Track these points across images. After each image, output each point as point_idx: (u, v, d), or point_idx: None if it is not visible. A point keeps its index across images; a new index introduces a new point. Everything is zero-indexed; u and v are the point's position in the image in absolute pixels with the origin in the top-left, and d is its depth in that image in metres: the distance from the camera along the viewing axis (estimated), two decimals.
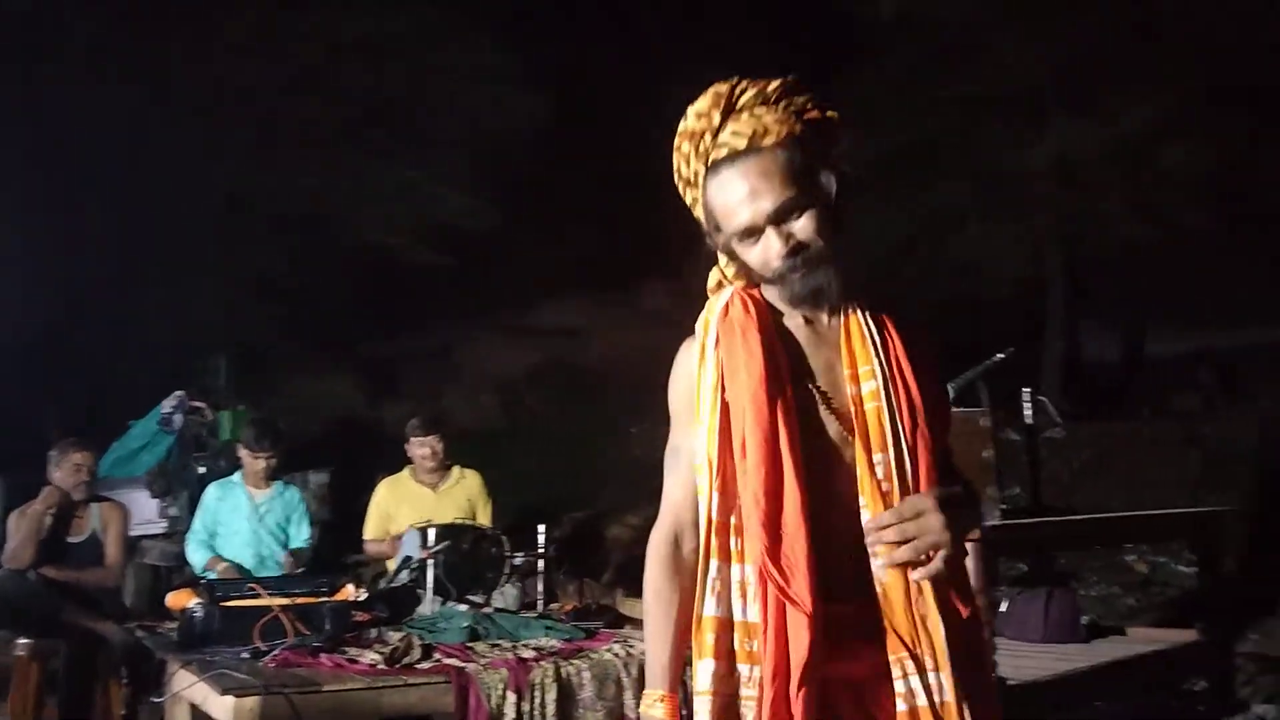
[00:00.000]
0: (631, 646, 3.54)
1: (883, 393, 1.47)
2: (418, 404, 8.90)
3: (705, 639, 1.49)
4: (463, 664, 2.99)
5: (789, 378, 1.48)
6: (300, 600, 3.37)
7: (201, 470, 6.34)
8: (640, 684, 3.25)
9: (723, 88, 1.54)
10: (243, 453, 4.73)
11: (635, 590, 4.93)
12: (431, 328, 11.95)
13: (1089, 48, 9.69)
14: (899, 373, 1.50)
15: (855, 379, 1.49)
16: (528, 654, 3.37)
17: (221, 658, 3.07)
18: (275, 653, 3.07)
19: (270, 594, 3.36)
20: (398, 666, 2.92)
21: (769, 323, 1.55)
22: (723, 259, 1.61)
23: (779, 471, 1.45)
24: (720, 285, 1.65)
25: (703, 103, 1.55)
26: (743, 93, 1.53)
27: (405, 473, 4.84)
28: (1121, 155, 9.27)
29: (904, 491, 1.44)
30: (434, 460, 4.74)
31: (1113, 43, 9.64)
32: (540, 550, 4.32)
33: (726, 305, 1.58)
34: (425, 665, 2.98)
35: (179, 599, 3.54)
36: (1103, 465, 8.21)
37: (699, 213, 1.60)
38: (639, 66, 12.55)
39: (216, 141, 10.07)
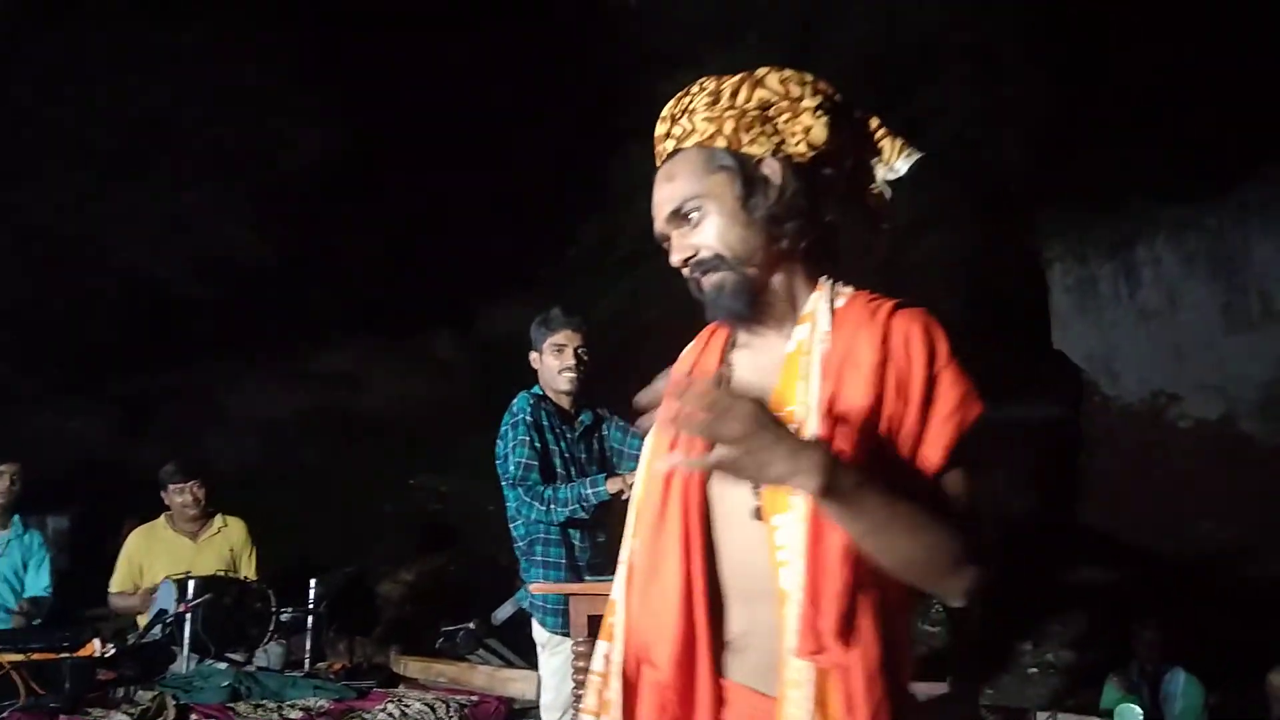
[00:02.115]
0: (407, 706, 3.43)
1: None
2: (173, 446, 8.31)
3: (606, 620, 1.37)
4: None
5: None
6: (37, 656, 3.06)
7: None
8: None
9: (691, 87, 1.39)
10: None
11: (409, 648, 4.78)
12: (193, 365, 11.22)
13: None
14: (835, 414, 1.22)
15: None
16: (295, 714, 3.20)
17: None
18: (5, 715, 2.76)
19: (1, 648, 3.03)
20: None
21: (716, 352, 1.38)
22: None
23: (659, 542, 1.26)
24: None
25: (667, 105, 1.40)
26: (701, 91, 1.38)
27: (161, 520, 4.51)
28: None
29: (814, 572, 1.15)
30: (195, 508, 4.45)
31: None
32: (310, 605, 4.13)
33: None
34: None
35: None
36: None
37: None
38: (441, 110, 12.49)
39: None
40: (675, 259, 1.37)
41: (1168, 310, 8.10)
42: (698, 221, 1.34)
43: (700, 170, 1.34)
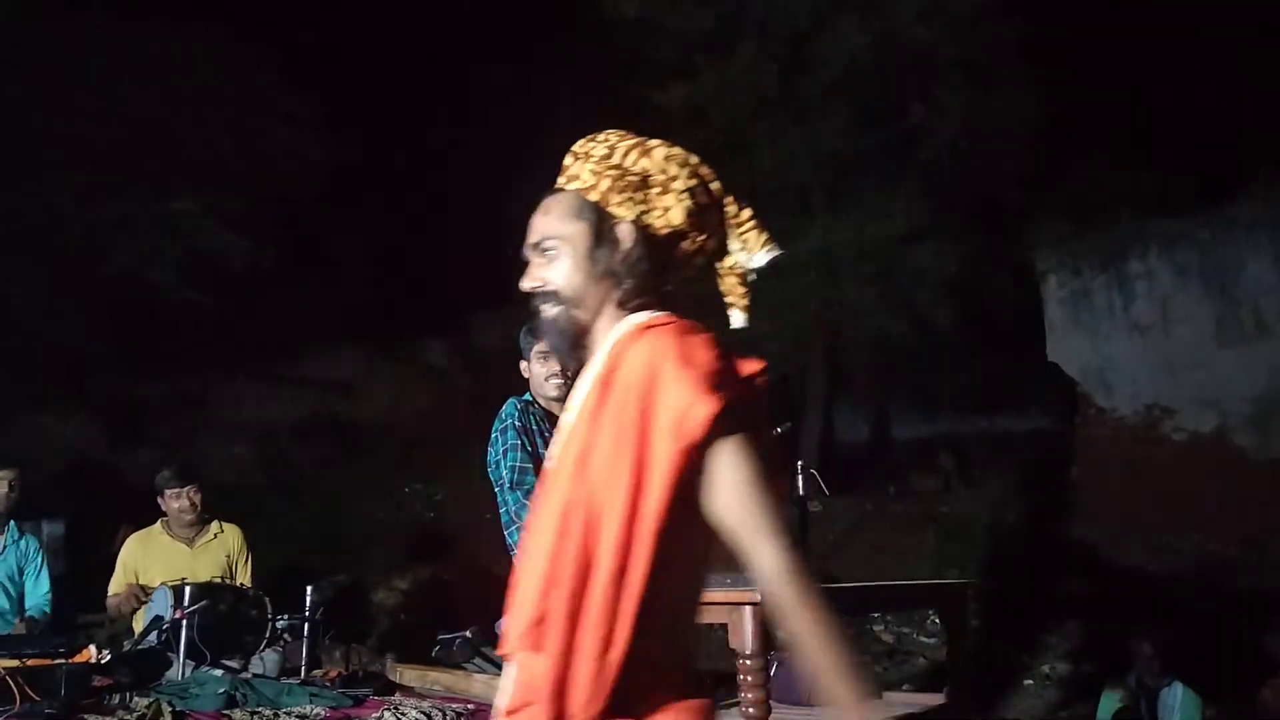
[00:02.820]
0: (403, 714, 3.42)
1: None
2: (165, 451, 8.28)
3: None
4: None
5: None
6: (32, 662, 3.04)
7: None
8: None
9: (600, 135, 1.49)
10: None
11: (405, 656, 4.76)
12: (186, 371, 11.18)
13: (853, 153, 10.57)
14: (575, 465, 1.29)
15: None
16: None
17: None
18: None
19: None
20: None
21: None
22: None
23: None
24: None
25: (580, 141, 1.51)
26: (603, 143, 1.48)
27: (157, 526, 4.48)
28: (877, 254, 10.08)
29: (514, 580, 1.27)
30: (192, 513, 4.42)
31: (874, 152, 10.56)
32: (306, 613, 4.11)
33: None
34: None
35: None
36: (852, 538, 8.74)
37: None
38: (435, 119, 12.51)
39: None
40: (524, 284, 1.48)
41: (1161, 323, 8.13)
42: (552, 259, 1.46)
43: (569, 214, 1.46)
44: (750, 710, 2.54)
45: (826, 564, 8.01)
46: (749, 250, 1.50)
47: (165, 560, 4.31)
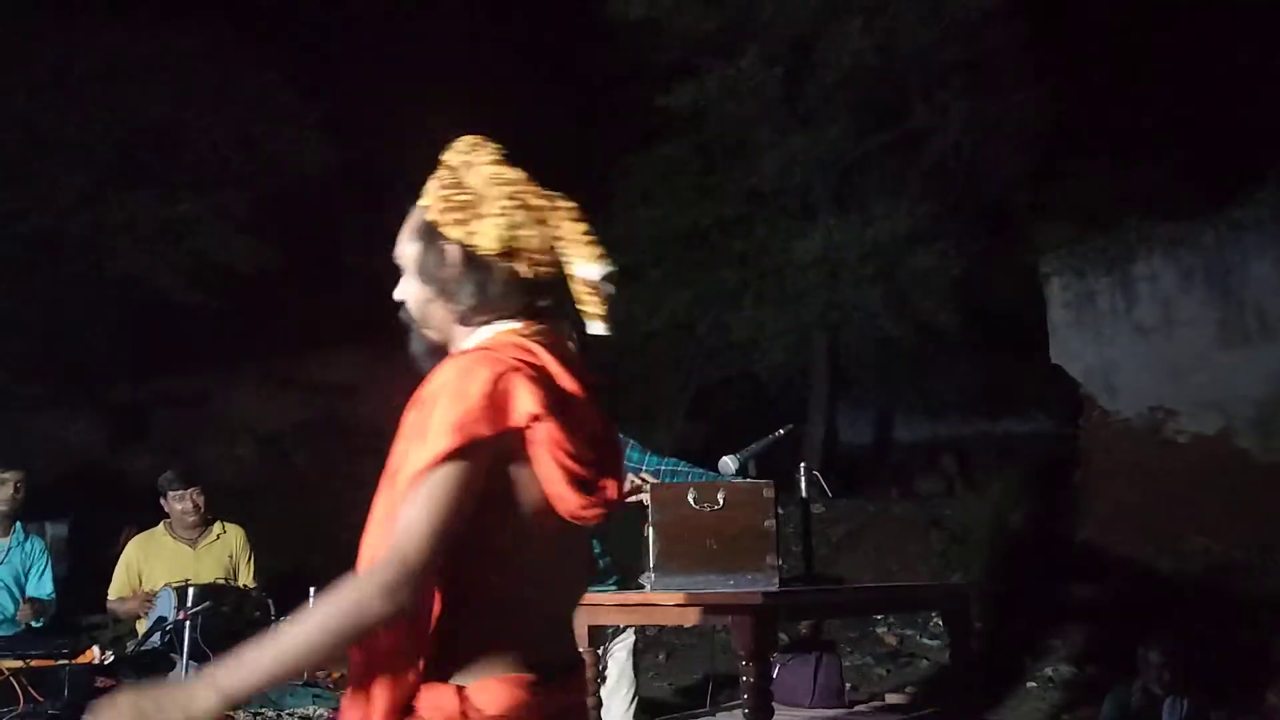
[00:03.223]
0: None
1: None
2: (168, 454, 8.29)
3: None
4: None
5: None
6: (36, 663, 3.04)
7: None
8: None
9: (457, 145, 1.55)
10: None
11: None
12: (190, 373, 11.20)
13: (856, 156, 10.58)
14: (385, 480, 1.41)
15: None
16: None
17: None
18: None
19: (1, 655, 3.02)
20: None
21: None
22: None
23: None
24: None
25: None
26: (450, 159, 1.53)
27: (160, 528, 4.48)
28: (880, 256, 10.08)
29: None
30: (194, 515, 4.42)
31: (878, 154, 10.57)
32: None
33: None
34: None
35: None
36: (855, 540, 8.73)
37: None
38: (438, 120, 12.51)
39: None
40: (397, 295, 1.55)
41: (1164, 326, 8.12)
42: (404, 276, 1.53)
43: (410, 233, 1.52)
44: (753, 713, 2.53)
45: (830, 566, 8.02)
46: (585, 263, 1.51)
47: (168, 561, 4.31)
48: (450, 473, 1.33)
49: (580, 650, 1.64)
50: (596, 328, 1.52)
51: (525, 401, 1.37)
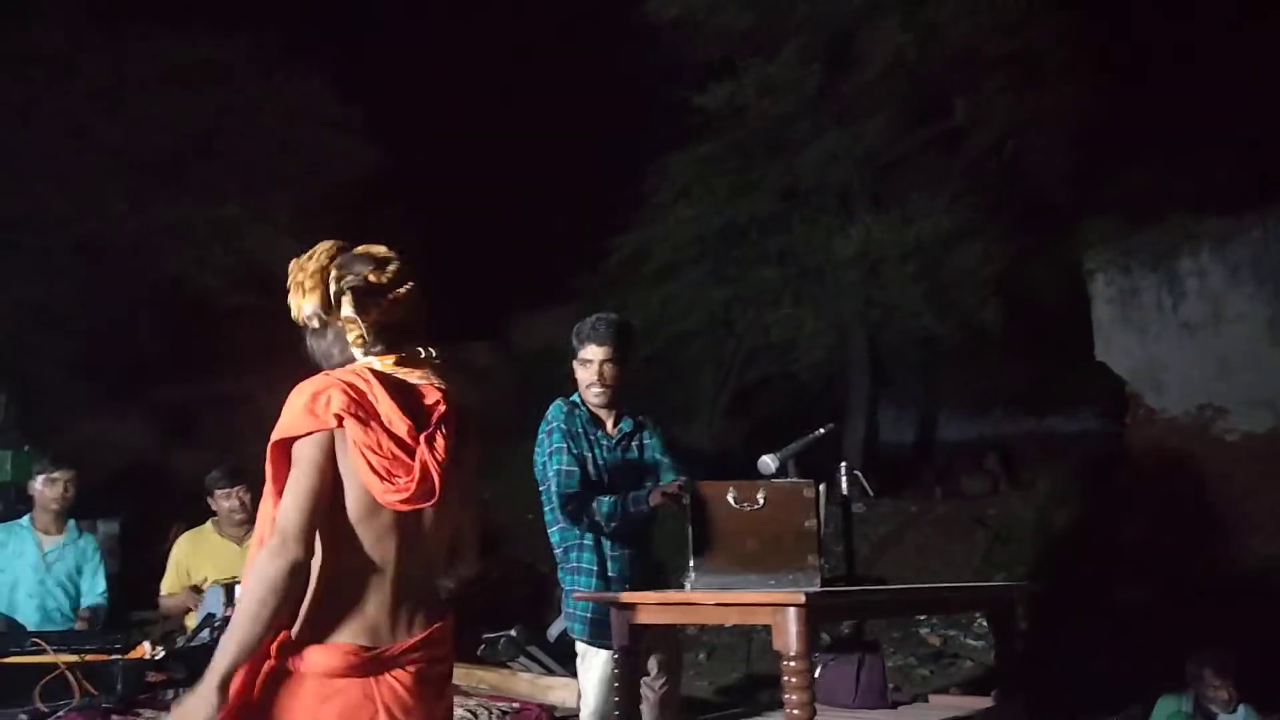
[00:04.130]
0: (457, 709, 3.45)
1: None
2: (218, 452, 8.41)
3: None
4: None
5: None
6: (89, 657, 3.10)
7: None
8: None
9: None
10: (37, 483, 4.32)
11: (459, 655, 4.82)
12: (236, 373, 11.36)
13: (896, 152, 10.49)
14: None
15: None
16: None
17: None
18: (59, 715, 2.82)
19: (55, 650, 3.08)
20: None
21: None
22: None
23: None
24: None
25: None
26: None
27: (208, 525, 4.55)
28: (921, 253, 9.99)
29: None
30: (241, 512, 4.49)
31: (915, 148, 10.47)
32: None
33: None
34: None
35: None
36: (898, 541, 8.67)
37: None
38: (478, 123, 12.59)
39: (10, 161, 9.37)
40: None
41: (1212, 322, 7.98)
42: None
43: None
44: (795, 713, 2.52)
45: (872, 566, 7.97)
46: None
47: (216, 559, 4.38)
48: (299, 453, 1.83)
49: (436, 627, 1.89)
50: (358, 352, 1.97)
51: (335, 406, 1.82)
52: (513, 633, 4.56)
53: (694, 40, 10.45)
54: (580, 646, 3.37)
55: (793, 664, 2.52)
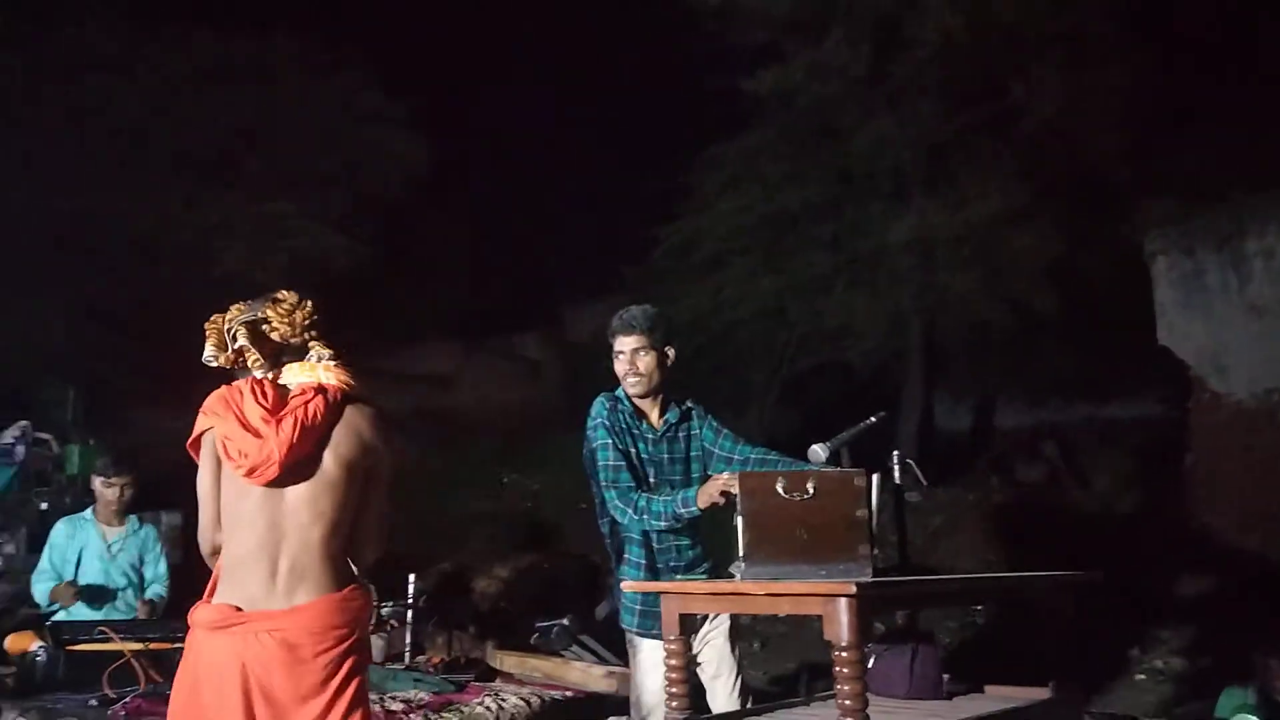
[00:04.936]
0: (503, 700, 3.49)
1: None
2: None
3: None
4: None
5: None
6: (154, 645, 3.19)
7: (43, 506, 5.95)
8: None
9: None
10: (96, 483, 4.48)
11: (506, 642, 4.86)
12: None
13: (945, 132, 10.31)
14: None
15: None
16: (396, 706, 3.29)
17: (66, 705, 2.90)
18: (126, 700, 2.90)
19: (122, 638, 3.17)
20: None
21: None
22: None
23: None
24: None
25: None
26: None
27: None
28: (975, 238, 9.82)
29: None
30: None
31: (967, 129, 10.29)
32: (409, 600, 4.23)
33: None
34: None
35: (20, 641, 3.30)
36: (954, 529, 8.57)
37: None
38: (525, 116, 12.65)
39: (70, 162, 9.61)
40: None
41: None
42: None
43: None
44: (847, 703, 2.50)
45: (927, 556, 7.88)
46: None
47: None
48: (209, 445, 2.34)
49: (314, 600, 2.21)
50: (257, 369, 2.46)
51: (205, 409, 2.36)
52: (565, 622, 4.59)
53: (738, 26, 10.37)
54: (630, 636, 3.38)
55: (844, 654, 2.50)
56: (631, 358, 3.37)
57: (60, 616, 3.99)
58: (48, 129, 9.50)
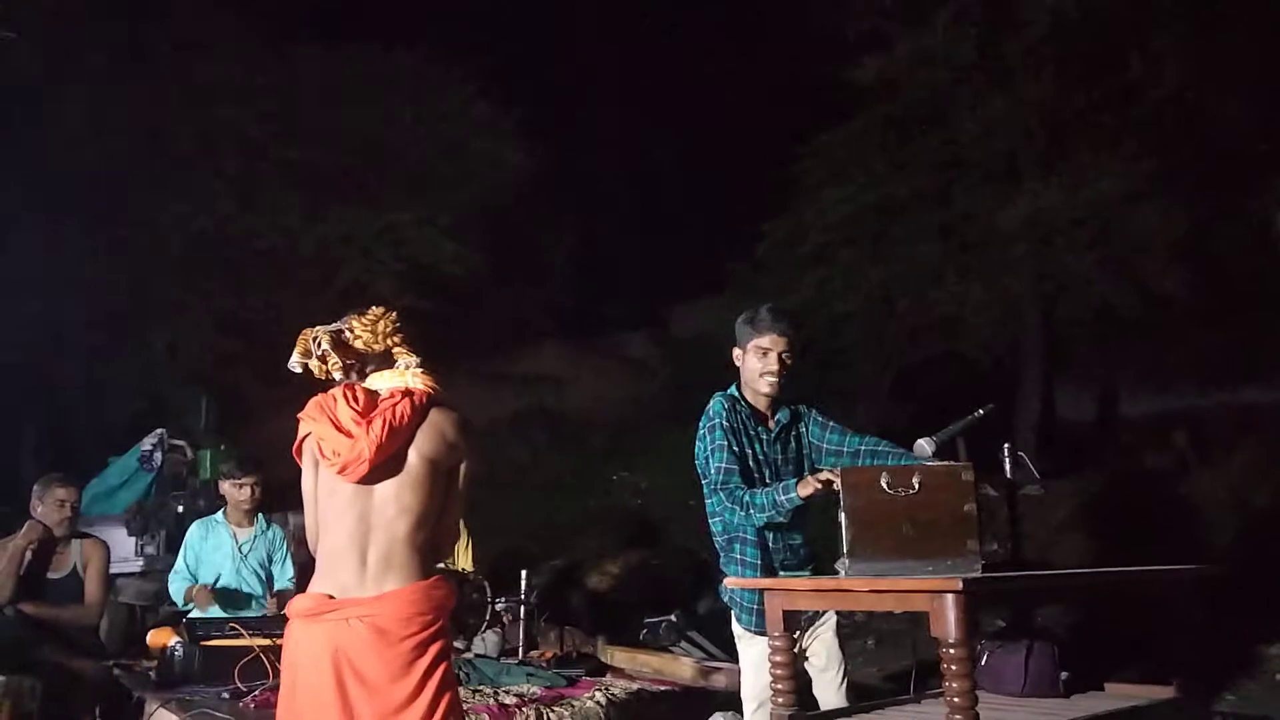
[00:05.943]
0: (614, 695, 3.54)
1: None
2: None
3: None
4: None
5: None
6: (282, 641, 3.34)
7: (180, 509, 6.30)
8: None
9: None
10: (225, 485, 4.73)
11: (616, 638, 4.92)
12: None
13: (1061, 112, 9.95)
14: None
15: None
16: (509, 700, 3.37)
17: (201, 697, 3.06)
18: (256, 693, 3.05)
19: (252, 634, 3.34)
20: None
21: None
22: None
23: None
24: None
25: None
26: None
27: None
28: (1094, 219, 9.46)
29: None
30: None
31: (1084, 108, 9.90)
32: (522, 597, 4.33)
33: None
34: None
35: (159, 637, 3.52)
36: (1078, 523, 8.27)
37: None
38: (630, 118, 12.74)
39: (200, 180, 10.12)
40: None
41: None
42: None
43: None
44: (956, 700, 2.47)
45: (1049, 550, 7.63)
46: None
47: None
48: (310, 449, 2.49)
49: (401, 589, 2.35)
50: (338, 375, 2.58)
51: (303, 415, 2.47)
52: (673, 617, 4.63)
53: (846, 11, 10.22)
54: (739, 631, 3.39)
55: (952, 651, 2.47)
56: (779, 357, 3.36)
57: (195, 614, 4.23)
58: (182, 150, 10.04)
